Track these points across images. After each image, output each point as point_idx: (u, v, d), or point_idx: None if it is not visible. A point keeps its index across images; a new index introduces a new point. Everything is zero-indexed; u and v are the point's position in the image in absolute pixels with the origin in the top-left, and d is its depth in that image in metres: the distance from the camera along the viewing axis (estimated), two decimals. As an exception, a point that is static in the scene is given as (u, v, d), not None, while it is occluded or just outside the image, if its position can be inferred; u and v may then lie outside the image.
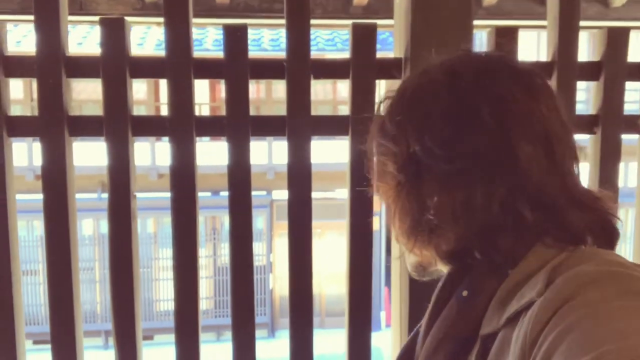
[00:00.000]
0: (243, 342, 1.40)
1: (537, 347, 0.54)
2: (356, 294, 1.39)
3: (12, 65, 1.29)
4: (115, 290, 1.33)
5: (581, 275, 0.57)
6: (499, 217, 0.64)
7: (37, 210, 1.36)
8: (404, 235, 0.73)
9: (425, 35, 1.32)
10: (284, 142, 1.35)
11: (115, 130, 1.29)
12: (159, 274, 10.82)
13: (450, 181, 0.66)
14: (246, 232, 1.36)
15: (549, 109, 0.67)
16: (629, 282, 0.55)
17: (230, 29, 1.31)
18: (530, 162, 0.64)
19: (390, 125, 0.71)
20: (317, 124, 1.36)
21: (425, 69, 0.73)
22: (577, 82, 1.41)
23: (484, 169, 0.65)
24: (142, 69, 1.32)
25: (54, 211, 1.29)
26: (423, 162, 0.67)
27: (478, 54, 0.77)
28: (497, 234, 0.65)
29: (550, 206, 0.65)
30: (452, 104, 0.67)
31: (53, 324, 1.33)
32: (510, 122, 0.65)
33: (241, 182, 1.34)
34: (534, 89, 0.68)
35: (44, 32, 1.27)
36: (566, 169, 0.67)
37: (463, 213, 0.65)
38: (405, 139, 0.68)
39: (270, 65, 1.36)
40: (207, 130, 1.37)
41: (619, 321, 0.50)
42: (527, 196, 0.64)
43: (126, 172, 1.30)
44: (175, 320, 1.36)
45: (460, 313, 0.67)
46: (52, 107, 1.27)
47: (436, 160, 0.66)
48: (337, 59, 1.34)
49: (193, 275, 1.34)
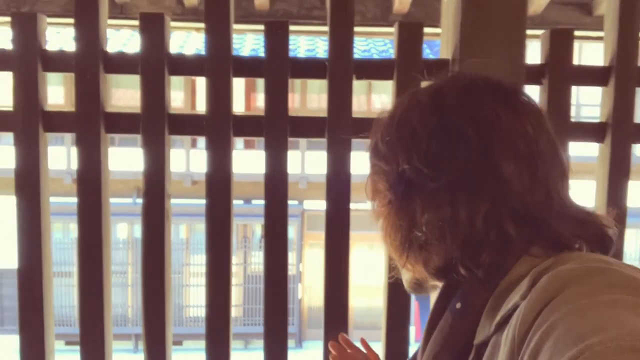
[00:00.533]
0: (274, 351, 1.35)
1: (525, 346, 0.55)
2: (394, 309, 1.33)
3: (50, 60, 1.28)
4: (147, 291, 1.30)
5: (563, 273, 0.58)
6: (483, 233, 0.66)
7: (74, 213, 1.32)
8: (396, 252, 0.75)
9: (475, 36, 1.26)
10: (316, 151, 1.30)
11: (153, 127, 1.26)
12: (189, 280, 10.87)
13: (436, 199, 0.68)
14: (281, 241, 1.31)
15: (534, 126, 0.69)
16: (611, 276, 0.56)
17: (271, 25, 1.27)
18: (512, 180, 0.66)
19: (382, 146, 0.74)
20: (359, 126, 1.31)
21: (414, 90, 0.76)
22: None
23: (468, 187, 0.67)
24: (181, 66, 1.29)
25: (88, 212, 1.27)
26: (411, 181, 0.70)
27: (465, 75, 0.78)
28: (480, 249, 0.67)
29: (535, 220, 0.67)
30: (437, 124, 0.69)
31: (83, 326, 1.30)
32: (493, 141, 0.67)
33: (277, 187, 1.29)
34: (518, 108, 0.70)
35: (83, 29, 1.26)
36: (551, 186, 0.69)
37: (449, 230, 0.68)
38: (394, 158, 0.71)
39: (311, 64, 1.32)
40: (245, 130, 1.33)
41: (602, 314, 0.51)
42: (510, 212, 0.66)
43: (162, 171, 1.27)
44: (207, 326, 1.31)
45: (455, 325, 0.69)
46: (89, 102, 1.25)
47: (423, 179, 0.68)
48: (382, 59, 1.30)
49: (226, 282, 1.30)
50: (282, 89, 1.27)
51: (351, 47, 1.27)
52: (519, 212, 0.66)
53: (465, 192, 0.67)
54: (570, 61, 1.34)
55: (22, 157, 1.27)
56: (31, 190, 1.26)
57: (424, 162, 0.68)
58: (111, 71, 1.28)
